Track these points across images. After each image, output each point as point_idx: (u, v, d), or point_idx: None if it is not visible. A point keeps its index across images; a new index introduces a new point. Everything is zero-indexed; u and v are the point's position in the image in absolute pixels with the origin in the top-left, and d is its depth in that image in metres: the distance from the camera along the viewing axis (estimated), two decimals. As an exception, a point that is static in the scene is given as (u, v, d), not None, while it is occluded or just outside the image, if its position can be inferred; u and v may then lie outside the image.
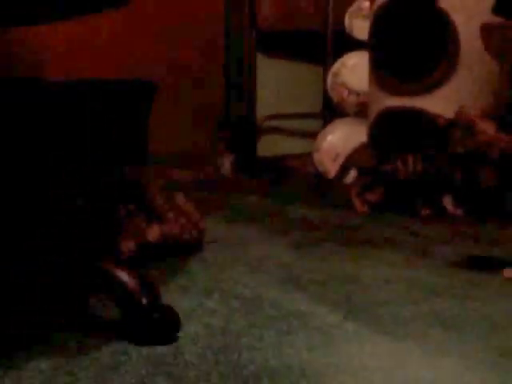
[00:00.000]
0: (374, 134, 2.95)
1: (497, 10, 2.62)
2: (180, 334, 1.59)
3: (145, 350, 1.52)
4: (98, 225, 1.68)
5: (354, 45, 3.24)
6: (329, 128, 3.36)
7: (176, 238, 2.18)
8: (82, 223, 1.58)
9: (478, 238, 2.47)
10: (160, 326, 1.58)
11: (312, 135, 3.46)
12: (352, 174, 3.21)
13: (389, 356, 1.54)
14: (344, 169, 3.22)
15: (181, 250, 2.22)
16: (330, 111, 3.45)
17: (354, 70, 3.23)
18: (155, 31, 3.28)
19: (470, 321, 1.74)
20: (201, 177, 3.40)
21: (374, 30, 2.90)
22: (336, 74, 3.31)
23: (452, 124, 2.24)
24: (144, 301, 1.56)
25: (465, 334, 1.66)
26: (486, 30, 2.59)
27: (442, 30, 2.69)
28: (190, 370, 1.45)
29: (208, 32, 3.50)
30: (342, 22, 3.33)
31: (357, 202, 2.83)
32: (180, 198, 2.28)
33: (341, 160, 3.26)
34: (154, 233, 2.12)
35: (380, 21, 2.87)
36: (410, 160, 2.51)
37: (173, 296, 1.76)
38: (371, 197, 2.81)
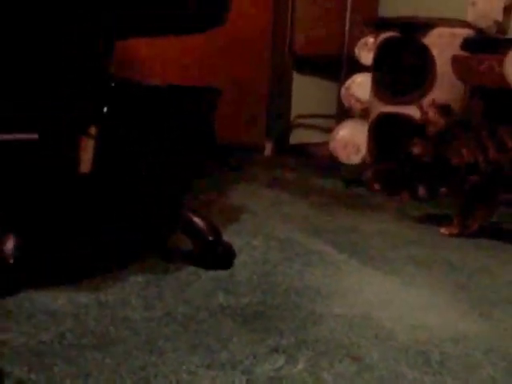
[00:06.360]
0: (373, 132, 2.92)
1: (463, 47, 2.59)
2: (235, 262, 1.60)
3: (210, 273, 1.52)
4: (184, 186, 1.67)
5: (361, 68, 3.21)
6: (340, 125, 3.32)
7: None
8: (173, 186, 1.58)
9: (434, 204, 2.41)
10: (221, 256, 1.58)
11: (328, 130, 3.43)
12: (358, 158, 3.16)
13: (379, 284, 1.54)
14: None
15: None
16: (342, 113, 3.42)
17: (360, 85, 3.18)
18: (222, 54, 3.26)
19: (435, 262, 1.72)
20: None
21: (376, 58, 2.87)
22: (347, 88, 3.26)
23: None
24: (210, 238, 1.56)
25: (431, 271, 1.65)
26: (456, 61, 2.55)
27: (424, 59, 2.65)
28: (241, 287, 1.46)
29: (260, 54, 3.47)
30: (353, 52, 3.29)
31: (371, 182, 2.73)
32: None
33: (349, 148, 3.23)
34: None
35: (381, 52, 2.84)
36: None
37: (230, 236, 1.76)
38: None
